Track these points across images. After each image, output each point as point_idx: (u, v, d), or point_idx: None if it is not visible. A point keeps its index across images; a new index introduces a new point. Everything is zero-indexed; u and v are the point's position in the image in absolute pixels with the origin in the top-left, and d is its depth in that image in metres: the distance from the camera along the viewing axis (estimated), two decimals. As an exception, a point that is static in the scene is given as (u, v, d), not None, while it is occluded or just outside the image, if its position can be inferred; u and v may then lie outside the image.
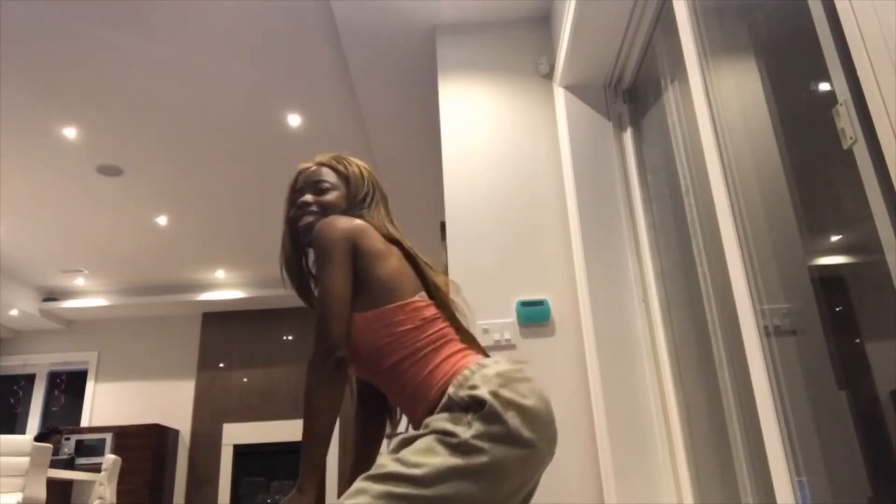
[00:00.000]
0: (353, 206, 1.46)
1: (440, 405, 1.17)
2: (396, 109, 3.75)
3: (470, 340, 1.33)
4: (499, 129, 2.79)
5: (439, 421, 1.13)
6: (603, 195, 2.52)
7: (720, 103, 1.70)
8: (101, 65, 3.63)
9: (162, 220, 5.64)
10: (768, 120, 1.54)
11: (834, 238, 1.37)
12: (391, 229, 1.44)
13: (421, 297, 1.31)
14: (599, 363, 2.29)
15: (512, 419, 1.10)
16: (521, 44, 2.94)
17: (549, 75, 2.85)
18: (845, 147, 1.12)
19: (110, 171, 4.78)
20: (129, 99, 3.94)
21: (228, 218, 5.58)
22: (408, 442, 1.13)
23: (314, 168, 1.51)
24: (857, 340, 1.28)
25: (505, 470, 1.09)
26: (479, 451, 1.07)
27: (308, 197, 1.46)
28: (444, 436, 1.10)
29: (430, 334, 1.26)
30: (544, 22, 2.97)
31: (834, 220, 1.36)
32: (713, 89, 1.72)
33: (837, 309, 1.33)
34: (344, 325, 1.23)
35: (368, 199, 1.48)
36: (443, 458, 1.07)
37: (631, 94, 2.63)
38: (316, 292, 1.35)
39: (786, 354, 1.47)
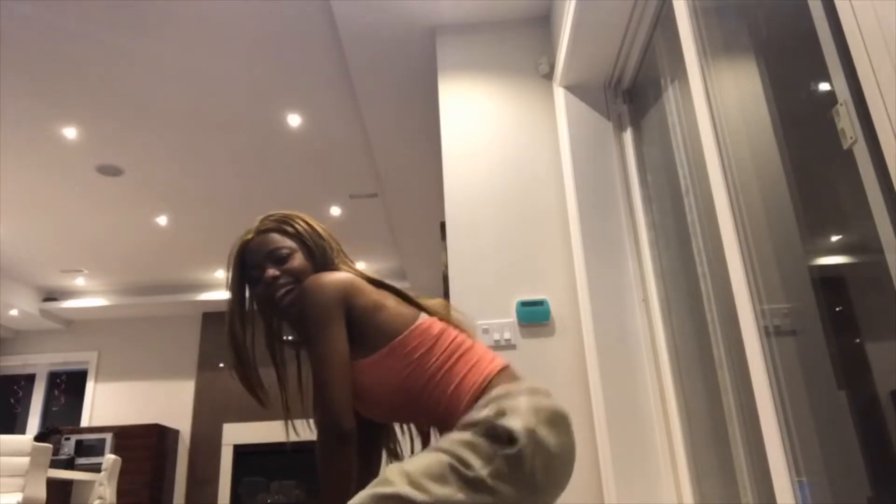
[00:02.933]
0: (320, 264, 1.37)
1: (470, 416, 1.13)
2: (396, 109, 3.75)
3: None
4: (499, 129, 2.79)
5: (463, 445, 1.08)
6: (603, 195, 2.52)
7: (720, 103, 1.70)
8: (101, 65, 3.63)
9: (162, 220, 5.64)
10: (768, 120, 1.54)
11: (834, 238, 1.37)
12: (368, 276, 1.37)
13: (423, 318, 1.29)
14: (599, 363, 2.28)
15: (536, 467, 1.07)
16: (521, 44, 2.94)
17: (549, 75, 2.85)
18: (845, 147, 1.12)
19: (110, 171, 4.78)
20: (129, 99, 3.94)
21: (228, 218, 5.58)
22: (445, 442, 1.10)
23: (258, 238, 1.40)
24: (857, 340, 1.28)
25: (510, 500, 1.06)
26: (489, 491, 1.04)
27: (273, 270, 1.34)
28: (460, 465, 1.06)
29: (446, 348, 1.23)
30: (544, 22, 2.97)
31: (834, 220, 1.36)
32: (713, 89, 1.72)
33: (837, 309, 1.33)
34: (347, 394, 1.19)
35: (331, 252, 1.39)
36: (451, 491, 1.03)
37: (631, 94, 2.63)
38: (290, 357, 1.39)
39: (786, 354, 1.47)
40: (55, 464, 4.33)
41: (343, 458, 1.16)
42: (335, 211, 5.59)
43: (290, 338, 1.47)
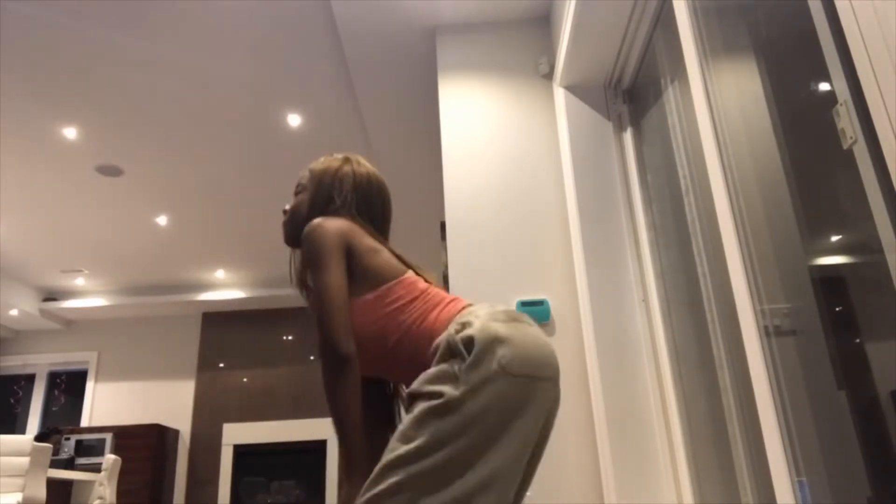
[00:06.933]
0: (317, 207, 1.41)
1: (436, 342, 1.17)
2: (396, 109, 3.75)
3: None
4: (499, 129, 2.79)
5: (430, 381, 1.11)
6: (603, 195, 2.52)
7: (720, 103, 1.70)
8: (101, 65, 3.63)
9: (162, 220, 5.64)
10: (768, 120, 1.54)
11: (834, 238, 1.37)
12: (372, 231, 1.40)
13: (410, 273, 1.33)
14: (599, 363, 2.28)
15: (502, 355, 1.09)
16: (521, 44, 2.94)
17: (549, 75, 2.85)
18: (845, 147, 1.12)
19: (110, 171, 4.78)
20: (128, 99, 3.94)
21: (228, 218, 5.58)
22: (413, 398, 1.13)
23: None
24: (857, 340, 1.28)
25: (498, 412, 1.07)
26: (465, 402, 1.06)
27: (287, 205, 1.47)
28: (431, 399, 1.09)
29: (428, 299, 1.27)
30: (544, 22, 2.97)
31: (834, 220, 1.36)
32: (713, 89, 1.72)
33: (837, 309, 1.33)
34: (344, 321, 1.22)
35: (339, 201, 1.41)
36: (433, 428, 1.06)
37: (631, 94, 2.63)
38: (309, 296, 1.37)
39: (786, 354, 1.47)
40: (55, 464, 4.33)
41: (344, 382, 1.18)
42: (335, 211, 5.58)
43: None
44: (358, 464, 1.15)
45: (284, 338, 7.50)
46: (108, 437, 6.63)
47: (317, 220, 1.32)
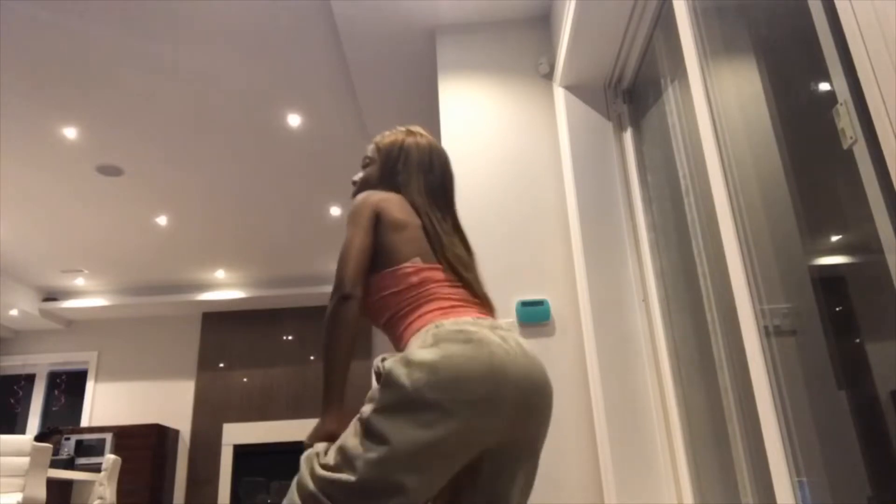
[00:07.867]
0: (384, 176, 1.50)
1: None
2: (396, 110, 3.75)
3: (479, 302, 1.34)
4: (499, 130, 2.79)
5: (366, 400, 1.17)
6: (603, 195, 2.52)
7: (720, 103, 1.70)
8: (102, 65, 3.63)
9: (162, 220, 5.64)
10: (768, 120, 1.54)
11: (834, 238, 1.37)
12: (419, 201, 1.43)
13: (413, 263, 1.32)
14: (599, 363, 2.28)
15: (414, 381, 1.09)
16: (521, 44, 2.94)
17: (549, 75, 2.85)
18: (845, 147, 1.12)
19: (110, 171, 4.78)
20: (129, 99, 3.94)
21: (228, 218, 5.58)
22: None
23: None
24: (857, 340, 1.28)
25: (405, 443, 1.07)
26: (378, 425, 1.09)
27: (355, 176, 1.56)
28: (359, 415, 1.14)
29: (413, 296, 1.29)
30: (544, 22, 2.97)
31: (834, 220, 1.36)
32: (713, 89, 1.72)
33: (837, 309, 1.33)
34: (354, 269, 1.28)
35: (400, 168, 1.49)
36: (354, 441, 1.10)
37: (631, 94, 2.63)
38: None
39: (786, 354, 1.47)
40: (55, 464, 4.33)
41: (340, 320, 1.24)
42: (335, 211, 5.58)
43: None
44: (333, 401, 1.22)
45: (284, 338, 7.50)
46: (108, 437, 6.63)
47: (362, 193, 1.42)
